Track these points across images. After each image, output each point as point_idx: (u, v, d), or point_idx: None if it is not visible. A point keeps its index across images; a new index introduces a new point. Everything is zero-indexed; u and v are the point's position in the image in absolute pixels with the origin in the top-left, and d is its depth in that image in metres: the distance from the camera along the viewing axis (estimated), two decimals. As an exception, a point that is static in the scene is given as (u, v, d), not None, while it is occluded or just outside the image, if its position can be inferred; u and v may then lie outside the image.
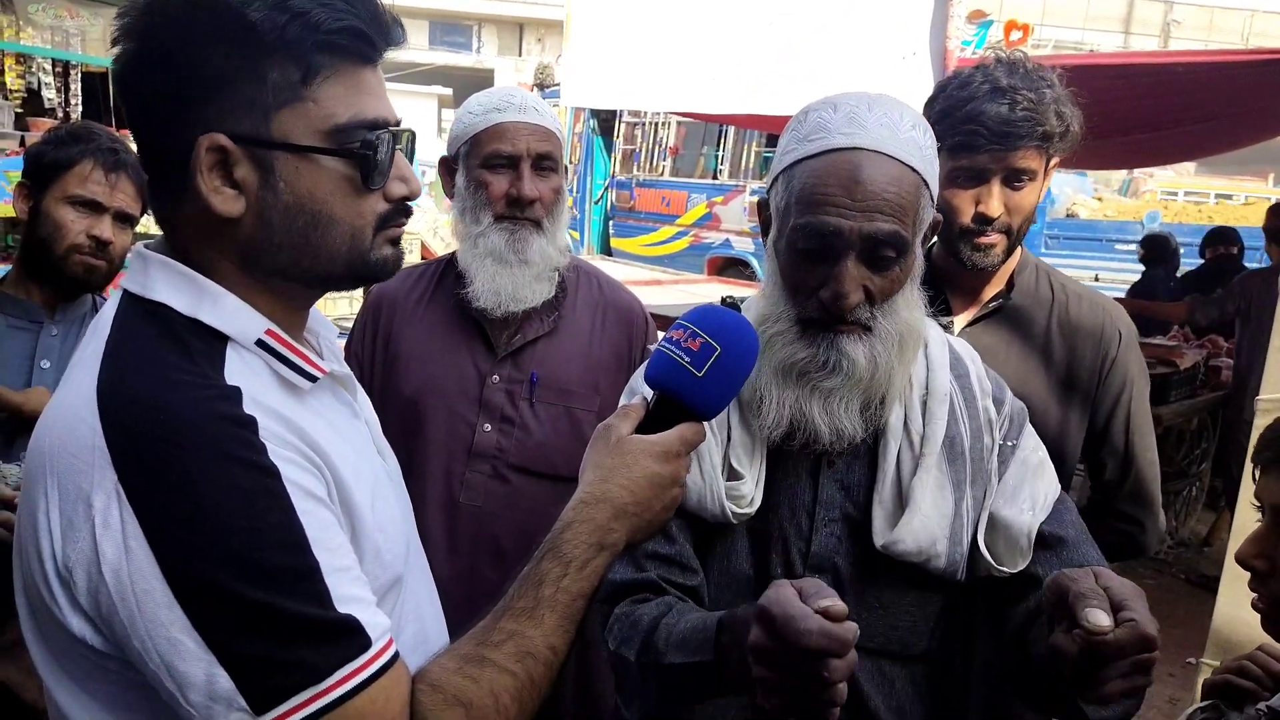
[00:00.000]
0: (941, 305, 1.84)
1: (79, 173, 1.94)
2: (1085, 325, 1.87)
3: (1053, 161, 1.78)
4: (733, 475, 1.32)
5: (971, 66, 1.79)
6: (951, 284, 1.87)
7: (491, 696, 0.93)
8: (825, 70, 3.64)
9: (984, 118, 1.68)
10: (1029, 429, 1.41)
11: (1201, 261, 7.32)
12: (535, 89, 15.56)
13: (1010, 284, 1.88)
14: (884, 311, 1.25)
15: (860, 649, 1.30)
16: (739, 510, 1.31)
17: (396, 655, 0.92)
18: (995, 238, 1.75)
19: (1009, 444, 1.37)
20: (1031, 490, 1.34)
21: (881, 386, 1.28)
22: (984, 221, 1.73)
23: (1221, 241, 7.01)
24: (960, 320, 1.87)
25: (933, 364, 1.37)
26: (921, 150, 1.25)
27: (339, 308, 6.49)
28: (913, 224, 1.24)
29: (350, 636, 0.88)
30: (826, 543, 1.33)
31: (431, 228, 8.79)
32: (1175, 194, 15.00)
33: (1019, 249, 1.86)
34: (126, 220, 2.01)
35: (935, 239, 1.30)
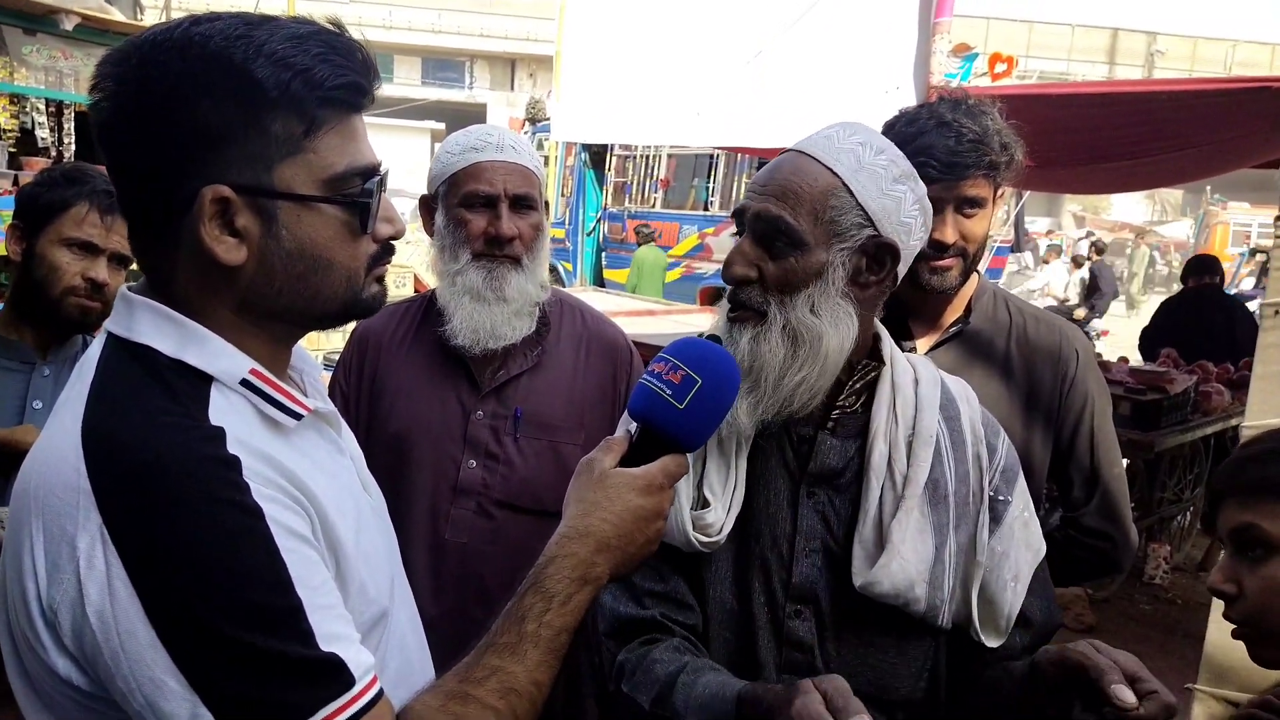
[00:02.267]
0: (903, 332, 1.92)
1: (74, 215, 1.94)
2: (1043, 346, 1.93)
3: (1000, 189, 1.87)
4: (703, 504, 1.33)
5: (916, 106, 1.89)
6: (913, 311, 1.94)
7: None
8: (808, 104, 3.68)
9: (933, 150, 1.76)
10: (1021, 484, 1.40)
11: (1181, 289, 7.38)
12: (527, 124, 15.67)
13: (969, 310, 1.94)
14: (780, 302, 1.29)
15: None
16: (705, 539, 1.32)
17: (380, 693, 0.92)
18: (950, 261, 1.83)
19: (1001, 498, 1.36)
20: (1016, 560, 1.34)
21: (766, 380, 1.29)
22: (939, 248, 1.81)
23: (1205, 271, 7.07)
24: (922, 346, 1.93)
25: (921, 403, 1.36)
26: (859, 162, 1.29)
27: (333, 340, 6.49)
28: (812, 219, 1.27)
29: (334, 675, 0.88)
30: (808, 573, 1.33)
31: (424, 261, 8.82)
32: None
33: (975, 275, 1.93)
34: (121, 262, 2.01)
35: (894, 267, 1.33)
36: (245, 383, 0.97)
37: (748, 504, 1.35)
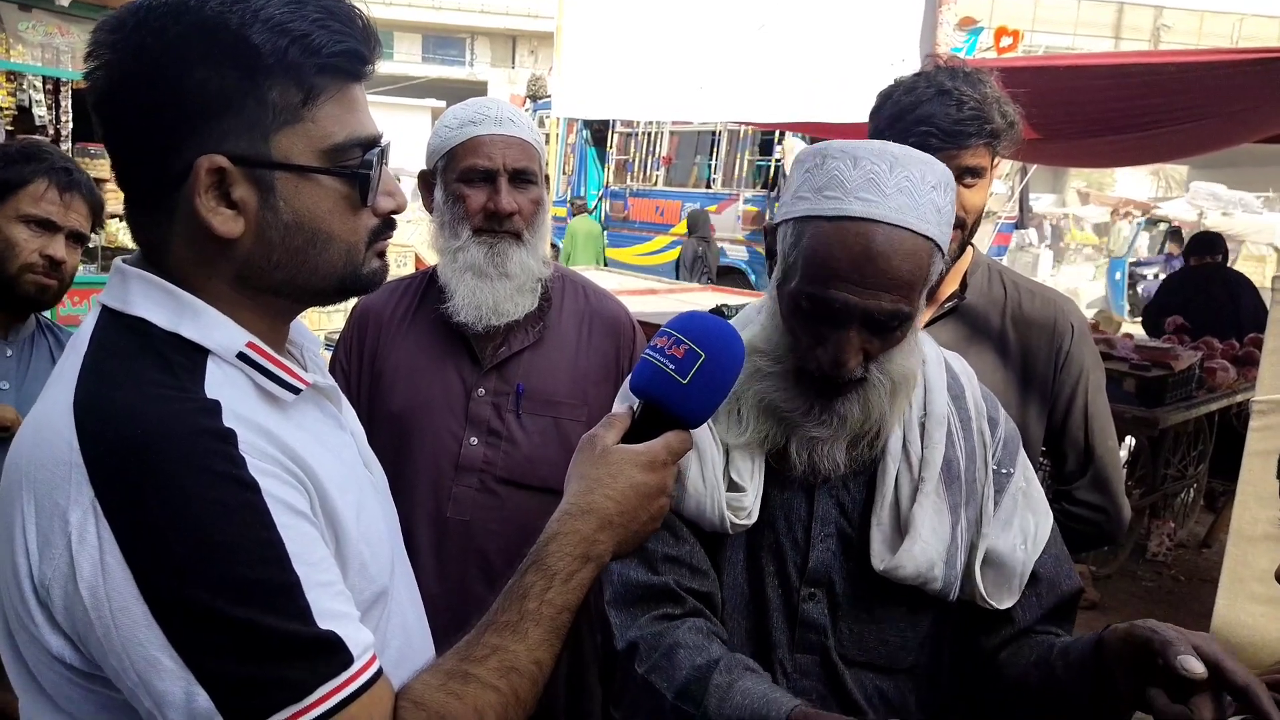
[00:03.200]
0: None
1: (32, 192, 1.94)
2: (1038, 320, 1.92)
3: (998, 159, 1.85)
4: (733, 487, 1.32)
5: (914, 75, 1.85)
6: None
7: (475, 713, 0.92)
8: (812, 77, 3.64)
9: (935, 119, 1.74)
10: (1023, 455, 1.41)
11: (1183, 265, 7.34)
12: (528, 100, 15.60)
13: (964, 284, 1.93)
14: (879, 364, 1.25)
15: (850, 662, 1.33)
16: (737, 521, 1.30)
17: (380, 672, 0.91)
18: (952, 233, 1.80)
19: (1004, 471, 1.37)
20: (1022, 523, 1.35)
21: (872, 428, 1.29)
22: None
23: (1207, 249, 7.02)
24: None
25: (930, 385, 1.36)
26: (940, 212, 1.23)
27: (334, 321, 6.48)
28: (921, 293, 1.24)
29: (332, 653, 0.87)
30: (823, 558, 1.33)
31: (425, 240, 8.80)
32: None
33: (970, 248, 1.92)
34: (79, 239, 2.02)
35: None
36: (242, 356, 0.95)
37: (769, 488, 1.34)
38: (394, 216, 1.06)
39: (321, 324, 6.45)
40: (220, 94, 0.90)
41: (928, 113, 1.74)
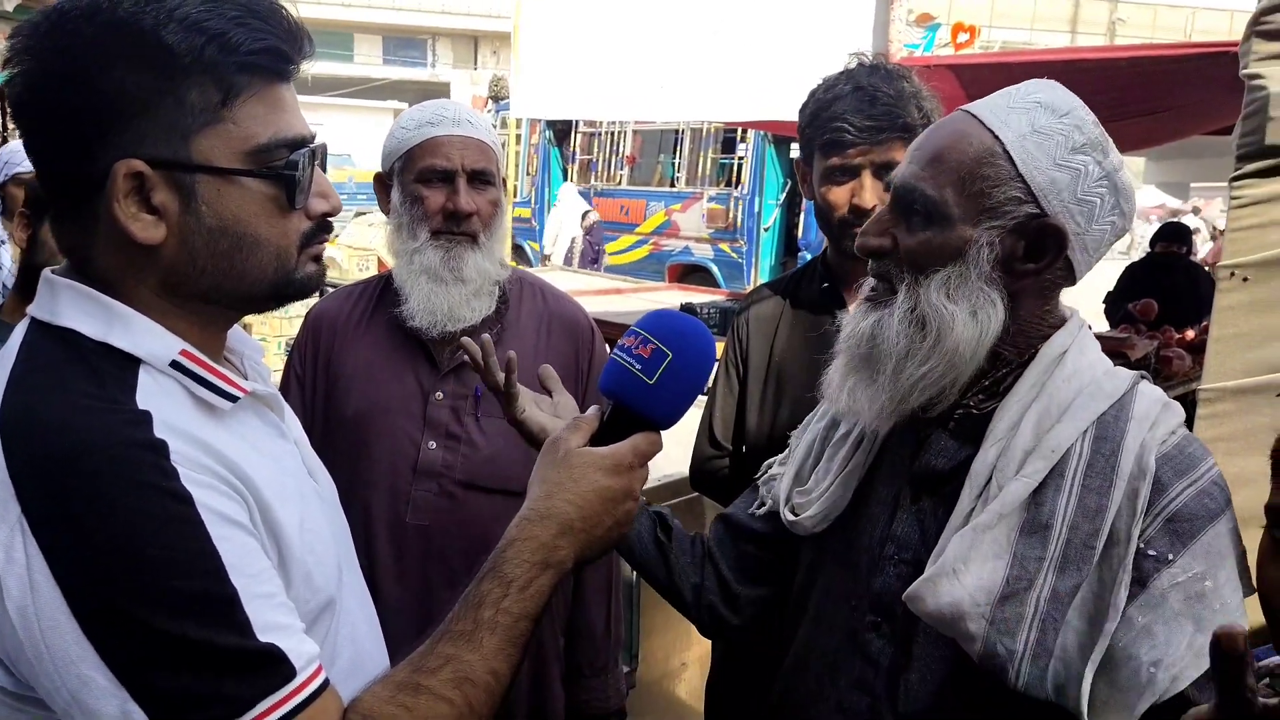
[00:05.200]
0: (837, 302, 1.94)
1: None
2: None
3: None
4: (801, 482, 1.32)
5: (836, 73, 1.90)
6: (845, 281, 1.96)
7: None
8: (771, 75, 3.65)
9: (848, 116, 1.78)
10: (1204, 545, 1.05)
11: (1147, 254, 7.46)
12: (490, 101, 15.52)
13: None
14: (913, 280, 1.13)
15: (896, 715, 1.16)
16: (792, 518, 1.30)
17: (326, 683, 0.90)
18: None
19: (1153, 554, 1.04)
20: (1167, 641, 1.02)
21: (883, 371, 1.15)
22: (860, 214, 1.81)
23: (1174, 238, 7.15)
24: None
25: (1068, 413, 1.11)
26: (1032, 124, 1.11)
27: (295, 326, 6.41)
28: (957, 189, 1.11)
29: (273, 666, 0.85)
30: (889, 583, 1.19)
31: (386, 243, 8.74)
32: None
33: None
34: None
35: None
36: (175, 364, 0.93)
37: (860, 498, 1.26)
38: (330, 220, 1.04)
39: (283, 330, 6.37)
40: (136, 96, 0.88)
41: (841, 110, 1.79)
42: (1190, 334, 6.03)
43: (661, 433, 1.09)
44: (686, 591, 1.43)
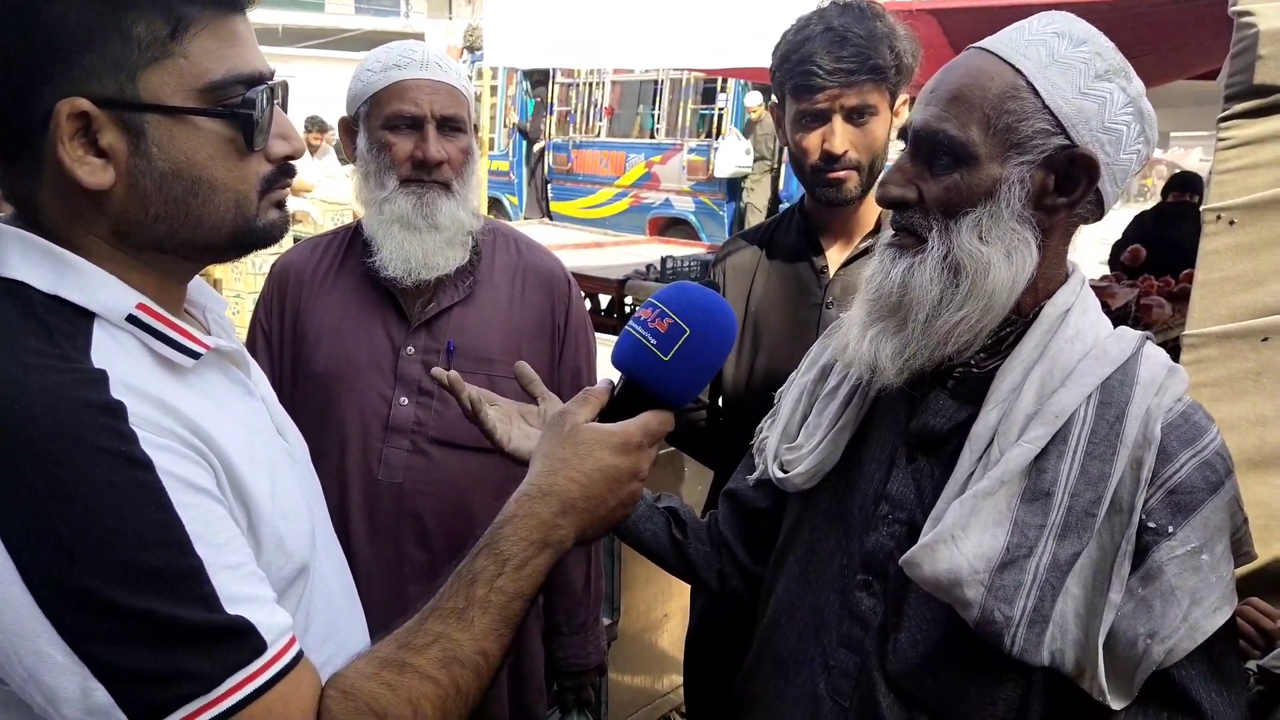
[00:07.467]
0: (815, 249, 1.93)
1: None
2: None
3: (900, 99, 1.84)
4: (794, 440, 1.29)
5: (809, 12, 1.84)
6: (822, 229, 1.94)
7: (410, 706, 0.86)
8: (749, 20, 3.57)
9: (816, 58, 1.73)
10: (1203, 518, 1.03)
11: (1159, 202, 7.45)
12: (465, 52, 15.24)
13: (878, 225, 1.92)
14: (943, 227, 1.10)
15: (896, 686, 1.15)
16: (780, 475, 1.28)
17: (299, 656, 0.86)
18: (845, 173, 1.82)
19: (1153, 526, 1.02)
20: (1164, 613, 1.01)
21: (916, 318, 1.11)
22: (831, 159, 1.79)
23: (1187, 187, 7.14)
24: (833, 263, 1.92)
25: (1072, 377, 1.08)
26: (1051, 55, 1.07)
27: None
28: (983, 128, 1.07)
29: (242, 639, 0.82)
30: (881, 542, 1.18)
31: (354, 192, 8.59)
32: None
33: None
34: None
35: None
36: (132, 319, 0.88)
37: (852, 455, 1.24)
38: (292, 163, 0.98)
39: (256, 286, 6.28)
40: (80, 29, 0.83)
41: (811, 51, 1.74)
42: (1171, 282, 6.05)
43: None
44: (712, 580, 1.48)
